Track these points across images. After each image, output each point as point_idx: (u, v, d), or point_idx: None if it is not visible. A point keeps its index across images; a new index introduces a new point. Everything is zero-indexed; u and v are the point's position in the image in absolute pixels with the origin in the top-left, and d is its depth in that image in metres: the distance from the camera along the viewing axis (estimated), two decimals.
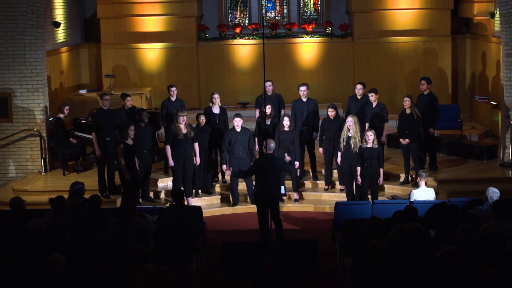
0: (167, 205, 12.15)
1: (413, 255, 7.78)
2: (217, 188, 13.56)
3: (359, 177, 11.99)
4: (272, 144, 11.07)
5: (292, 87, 16.70)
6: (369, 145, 11.93)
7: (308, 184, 13.70)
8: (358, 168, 11.97)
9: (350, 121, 12.15)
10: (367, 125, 12.89)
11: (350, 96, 13.82)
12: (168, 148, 12.58)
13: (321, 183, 13.56)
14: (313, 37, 18.37)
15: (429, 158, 13.60)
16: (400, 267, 7.35)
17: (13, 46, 13.98)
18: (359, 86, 13.52)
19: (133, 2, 18.00)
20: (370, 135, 11.92)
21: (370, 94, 13.18)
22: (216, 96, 13.42)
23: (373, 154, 11.88)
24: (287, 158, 11.79)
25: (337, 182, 13.41)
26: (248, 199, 13.09)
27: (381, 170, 12.08)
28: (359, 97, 13.44)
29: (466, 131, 15.74)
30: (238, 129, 12.69)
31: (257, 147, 13.04)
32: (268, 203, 10.77)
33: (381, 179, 12.09)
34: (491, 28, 16.58)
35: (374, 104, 13.20)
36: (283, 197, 12.75)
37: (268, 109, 12.94)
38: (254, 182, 11.66)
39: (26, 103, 14.11)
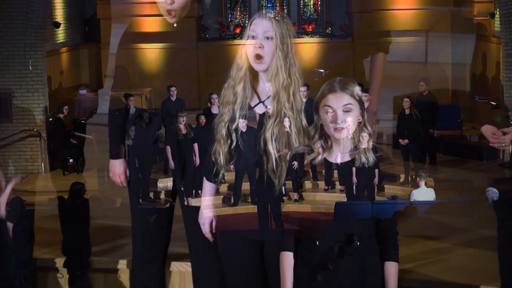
0: (167, 205, 12.14)
1: None
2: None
3: (354, 177, 11.98)
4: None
5: None
6: (364, 146, 11.91)
7: (308, 184, 13.69)
8: (354, 168, 11.97)
9: (350, 121, 12.14)
10: None
11: None
12: (168, 148, 12.58)
13: (321, 183, 13.55)
14: (313, 37, 18.36)
15: (429, 158, 13.60)
16: None
17: (13, 46, 13.99)
18: (357, 88, 13.50)
19: (133, 2, 17.96)
20: (365, 136, 11.89)
21: (364, 94, 13.16)
22: (215, 96, 13.42)
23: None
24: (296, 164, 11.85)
25: (337, 182, 13.40)
26: (249, 199, 13.09)
27: (376, 170, 12.04)
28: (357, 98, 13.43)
29: (466, 132, 15.72)
30: (244, 130, 12.63)
31: None
32: (270, 203, 10.76)
33: (376, 179, 12.06)
34: (491, 28, 16.57)
35: (366, 105, 13.16)
36: (284, 197, 12.73)
37: (269, 110, 12.92)
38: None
39: (26, 103, 14.11)
